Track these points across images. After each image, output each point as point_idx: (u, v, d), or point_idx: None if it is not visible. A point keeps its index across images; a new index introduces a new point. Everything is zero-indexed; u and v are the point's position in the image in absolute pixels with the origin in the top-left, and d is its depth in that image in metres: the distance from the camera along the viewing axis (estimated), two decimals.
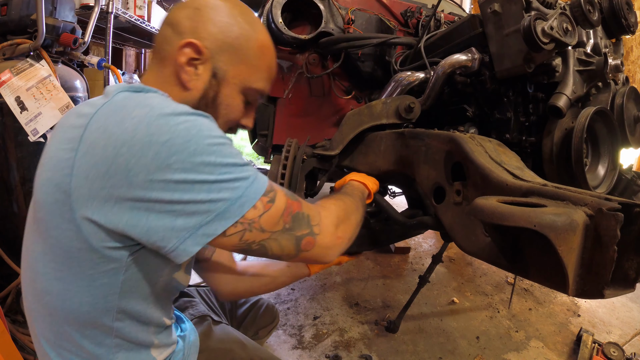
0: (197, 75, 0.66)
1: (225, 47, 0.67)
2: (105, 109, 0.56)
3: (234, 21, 0.68)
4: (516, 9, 0.99)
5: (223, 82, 0.68)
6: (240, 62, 0.68)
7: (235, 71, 0.68)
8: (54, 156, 0.58)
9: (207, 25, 0.66)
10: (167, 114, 0.54)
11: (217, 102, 0.69)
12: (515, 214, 0.56)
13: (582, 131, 0.89)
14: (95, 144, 0.53)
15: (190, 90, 0.67)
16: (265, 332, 1.14)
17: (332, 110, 1.81)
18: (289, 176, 1.18)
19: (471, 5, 3.84)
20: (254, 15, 0.72)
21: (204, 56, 0.65)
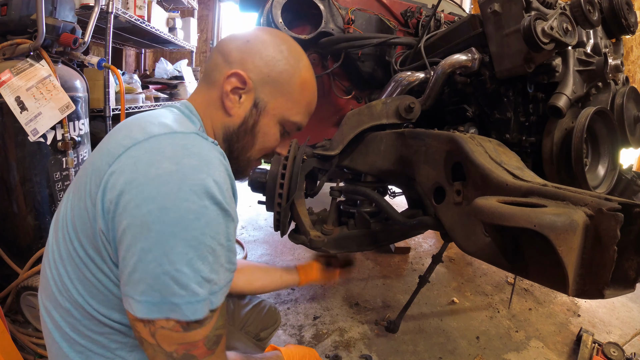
0: (240, 104, 0.71)
1: (268, 80, 0.70)
2: (141, 150, 0.57)
3: (280, 57, 0.71)
4: (516, 9, 0.99)
5: (263, 113, 0.72)
6: (281, 95, 0.72)
7: (276, 103, 0.72)
8: (95, 162, 0.61)
9: (255, 58, 0.70)
10: (194, 191, 0.53)
11: (255, 130, 0.73)
12: (515, 214, 0.56)
13: (582, 131, 0.89)
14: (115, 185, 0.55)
15: (232, 117, 0.72)
16: (267, 334, 1.14)
17: (332, 110, 1.81)
18: (289, 176, 1.19)
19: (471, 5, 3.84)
20: (300, 52, 0.75)
21: (247, 87, 0.69)
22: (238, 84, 0.69)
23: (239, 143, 0.73)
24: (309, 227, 1.28)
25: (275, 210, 1.21)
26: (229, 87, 0.69)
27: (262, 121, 0.73)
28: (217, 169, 0.57)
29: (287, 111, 0.73)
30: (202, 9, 4.42)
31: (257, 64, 0.70)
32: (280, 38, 0.74)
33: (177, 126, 0.61)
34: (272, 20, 1.49)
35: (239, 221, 0.71)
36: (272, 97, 0.71)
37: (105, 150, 0.60)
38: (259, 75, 0.70)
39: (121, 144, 0.58)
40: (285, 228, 1.28)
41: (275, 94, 0.72)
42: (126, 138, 0.59)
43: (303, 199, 1.33)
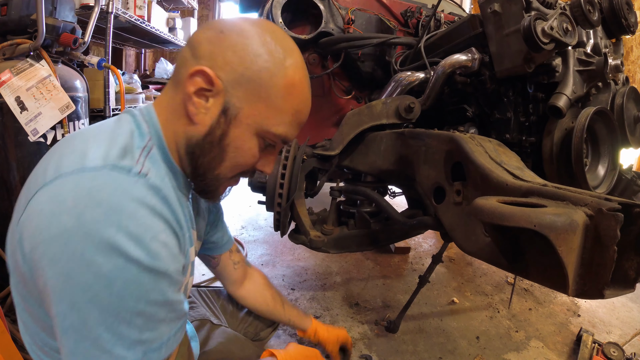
0: (206, 109, 0.57)
1: (242, 80, 0.57)
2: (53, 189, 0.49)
3: (260, 50, 0.57)
4: (516, 9, 0.99)
5: (234, 121, 0.58)
6: (258, 100, 0.58)
7: (251, 110, 0.58)
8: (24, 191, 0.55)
9: (227, 53, 0.56)
10: (101, 251, 0.45)
11: (224, 142, 0.59)
12: (515, 214, 0.56)
13: (582, 131, 0.89)
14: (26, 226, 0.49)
15: (195, 125, 0.58)
16: (266, 334, 1.14)
17: (332, 110, 1.81)
18: (289, 176, 1.19)
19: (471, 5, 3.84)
20: (290, 47, 0.61)
21: (215, 88, 0.56)
22: (203, 84, 0.56)
23: (204, 158, 0.60)
24: (309, 227, 1.29)
25: (275, 210, 1.22)
26: (193, 88, 0.56)
27: (233, 132, 0.58)
28: (133, 217, 0.47)
29: (266, 120, 0.59)
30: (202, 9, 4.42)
31: (230, 59, 0.56)
32: (265, 28, 0.60)
33: (99, 154, 0.51)
34: (272, 20, 1.49)
35: (190, 261, 0.65)
36: (247, 103, 0.58)
37: (32, 180, 0.53)
38: (231, 73, 0.56)
39: (37, 180, 0.51)
40: (285, 228, 1.28)
41: (251, 99, 0.57)
42: (45, 171, 0.51)
43: (303, 199, 1.33)
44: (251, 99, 0.58)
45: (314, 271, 2.25)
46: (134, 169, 0.51)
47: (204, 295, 1.06)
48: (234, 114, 0.58)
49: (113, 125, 0.58)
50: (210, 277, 2.07)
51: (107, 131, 0.56)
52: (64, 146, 0.55)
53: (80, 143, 0.54)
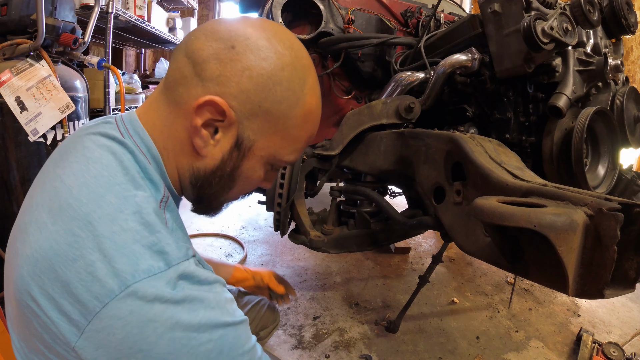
0: (215, 142, 0.52)
1: (259, 112, 0.50)
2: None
3: (280, 76, 0.50)
4: (516, 9, 0.99)
5: (247, 155, 0.53)
6: (274, 132, 0.53)
7: (266, 143, 0.53)
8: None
9: (242, 78, 0.49)
10: (183, 325, 0.44)
11: (235, 174, 0.55)
12: (515, 214, 0.56)
13: (582, 131, 0.89)
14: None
15: (203, 158, 0.53)
16: (266, 333, 1.14)
17: (332, 110, 1.81)
18: (289, 176, 1.19)
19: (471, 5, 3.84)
20: (308, 65, 0.55)
21: (228, 119, 0.50)
22: (213, 115, 0.50)
23: (211, 190, 0.56)
24: (309, 227, 1.29)
25: (275, 210, 1.22)
26: (201, 121, 0.50)
27: (246, 165, 0.54)
28: (209, 297, 0.47)
29: (280, 150, 0.55)
30: (202, 9, 4.43)
31: (245, 86, 0.49)
32: (283, 42, 0.52)
33: (147, 257, 0.44)
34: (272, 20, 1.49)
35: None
36: (262, 135, 0.52)
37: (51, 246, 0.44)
38: (247, 104, 0.50)
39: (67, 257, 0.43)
40: (285, 228, 1.28)
41: (267, 131, 0.52)
42: (83, 258, 0.43)
43: (303, 199, 1.33)
44: (267, 131, 0.52)
45: (314, 271, 2.25)
46: (180, 255, 0.46)
47: None
48: (248, 147, 0.53)
49: (121, 178, 0.48)
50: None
51: (121, 197, 0.47)
52: (80, 222, 0.44)
53: (106, 228, 0.44)
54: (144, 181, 0.49)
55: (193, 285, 0.46)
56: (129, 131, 0.52)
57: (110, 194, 0.46)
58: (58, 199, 0.46)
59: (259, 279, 1.14)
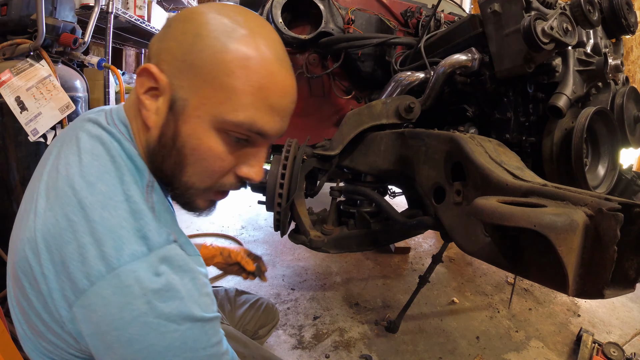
0: (157, 109, 0.51)
1: (184, 67, 0.49)
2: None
3: (204, 29, 0.49)
4: (516, 9, 0.99)
5: (182, 116, 0.50)
6: (203, 84, 0.49)
7: (199, 100, 0.49)
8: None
9: (169, 43, 0.51)
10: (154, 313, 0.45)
11: (177, 144, 0.51)
12: (515, 214, 0.56)
13: (582, 131, 0.89)
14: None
15: (150, 130, 0.52)
16: (265, 332, 1.14)
17: (332, 110, 1.81)
18: (289, 176, 1.19)
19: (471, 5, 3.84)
20: (245, 18, 0.51)
21: (161, 83, 0.50)
22: (149, 82, 0.51)
23: (164, 164, 0.52)
24: (309, 227, 1.28)
25: (275, 210, 1.21)
26: (141, 90, 0.51)
27: (184, 129, 0.50)
28: (187, 285, 0.48)
29: (219, 107, 0.49)
30: None
31: (171, 48, 0.50)
32: (216, 7, 0.52)
33: (129, 239, 0.46)
34: (272, 21, 1.49)
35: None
36: (193, 92, 0.50)
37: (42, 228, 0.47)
38: (172, 63, 0.50)
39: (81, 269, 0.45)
40: (285, 228, 1.28)
41: (197, 85, 0.49)
42: (80, 250, 0.45)
43: (303, 199, 1.33)
44: (197, 85, 0.49)
45: (314, 271, 2.25)
46: (161, 240, 0.48)
47: None
48: (182, 107, 0.50)
49: (110, 167, 0.50)
50: (210, 277, 2.07)
51: (110, 185, 0.49)
52: (73, 210, 0.47)
53: (97, 213, 0.47)
54: (130, 169, 0.51)
55: (173, 271, 0.47)
56: (114, 120, 0.55)
57: (101, 182, 0.48)
58: (55, 187, 0.49)
59: (227, 255, 1.10)
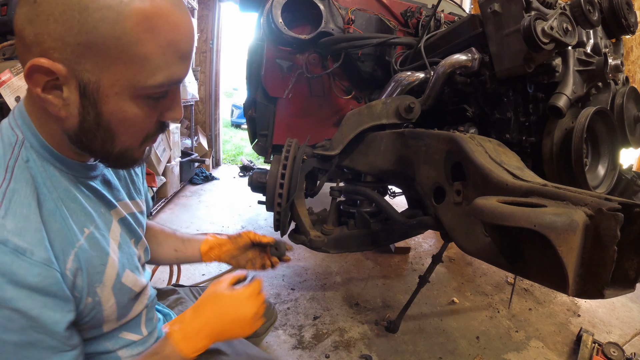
0: (65, 100, 0.49)
1: (81, 50, 0.45)
2: None
3: (84, 2, 0.44)
4: (516, 9, 0.99)
5: (99, 98, 0.49)
6: (112, 61, 0.47)
7: (111, 77, 0.48)
8: None
9: (49, 27, 0.44)
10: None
11: (103, 123, 0.50)
12: (515, 214, 0.56)
13: (582, 131, 0.89)
14: None
15: (66, 118, 0.50)
16: (263, 330, 1.13)
17: (332, 110, 1.81)
18: (289, 176, 1.19)
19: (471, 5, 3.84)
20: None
21: (60, 74, 0.46)
22: (45, 77, 0.47)
23: (93, 143, 0.53)
24: (309, 227, 1.28)
25: (275, 210, 1.21)
26: (39, 89, 0.47)
27: (106, 109, 0.49)
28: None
29: (136, 77, 0.48)
30: (202, 9, 4.42)
31: (56, 33, 0.45)
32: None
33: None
34: (272, 20, 1.49)
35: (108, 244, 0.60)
36: (102, 71, 0.47)
37: None
38: (66, 49, 0.45)
39: None
40: (285, 228, 1.28)
41: (104, 64, 0.47)
42: None
43: (303, 199, 1.33)
44: (104, 64, 0.47)
45: (314, 271, 2.25)
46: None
47: (196, 294, 1.06)
48: (96, 90, 0.48)
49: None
50: (210, 277, 2.07)
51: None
52: None
53: None
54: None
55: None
56: (14, 115, 0.54)
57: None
58: None
59: (236, 238, 0.97)
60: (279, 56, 1.68)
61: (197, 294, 1.07)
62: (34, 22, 0.45)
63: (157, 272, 1.87)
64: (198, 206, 3.27)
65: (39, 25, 0.45)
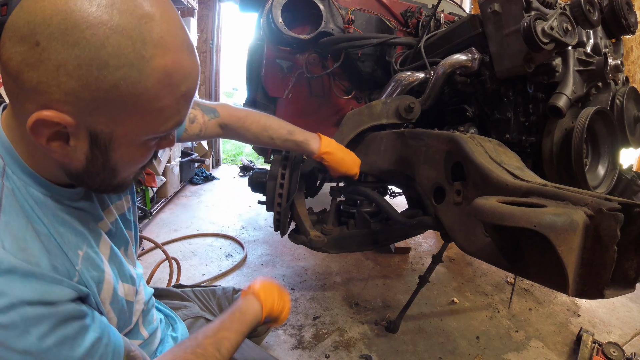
0: (72, 147, 0.47)
1: (96, 105, 0.43)
2: None
3: (102, 56, 0.41)
4: (516, 9, 0.99)
5: (111, 146, 0.48)
6: (128, 115, 0.46)
7: (126, 128, 0.47)
8: None
9: (60, 79, 0.41)
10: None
11: (109, 166, 0.51)
12: (515, 214, 0.56)
13: (582, 131, 0.89)
14: None
15: (70, 161, 0.49)
16: (264, 329, 1.13)
17: (332, 110, 1.81)
18: (289, 176, 1.19)
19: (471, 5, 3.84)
20: (143, 8, 0.43)
21: (69, 127, 0.45)
22: (52, 127, 0.44)
23: (95, 180, 0.52)
24: (309, 227, 1.29)
25: (275, 210, 1.22)
26: (44, 139, 0.45)
27: (115, 154, 0.50)
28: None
29: (149, 126, 0.49)
30: (202, 9, 4.42)
31: (68, 87, 0.42)
32: (96, 10, 0.41)
33: None
34: (272, 20, 1.49)
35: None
36: (116, 124, 0.46)
37: None
38: (79, 103, 0.43)
39: None
40: (285, 228, 1.28)
41: (119, 118, 0.46)
42: None
43: (303, 199, 1.33)
44: (120, 118, 0.46)
45: (314, 271, 2.25)
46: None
47: (198, 294, 1.06)
48: (108, 140, 0.47)
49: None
50: (210, 277, 2.07)
51: None
52: None
53: None
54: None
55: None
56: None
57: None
58: None
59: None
60: (279, 56, 1.68)
61: (199, 294, 1.07)
62: (36, 68, 0.41)
63: (157, 272, 1.87)
64: (198, 206, 3.27)
65: (44, 73, 0.41)
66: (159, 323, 0.82)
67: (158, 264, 1.88)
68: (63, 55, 0.40)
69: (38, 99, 0.43)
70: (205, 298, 1.06)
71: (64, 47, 0.40)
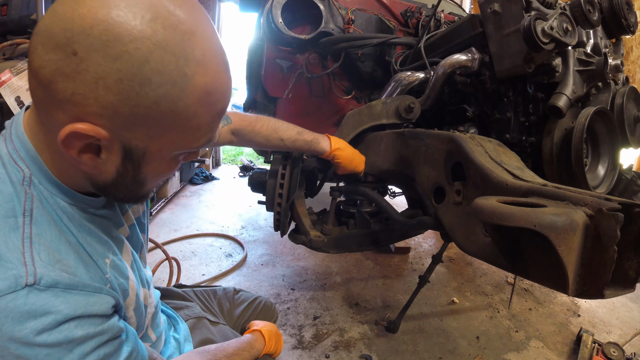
0: (103, 159, 0.47)
1: (136, 121, 0.43)
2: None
3: (145, 72, 0.40)
4: (516, 9, 0.99)
5: (144, 161, 0.48)
6: (165, 132, 0.46)
7: (160, 144, 0.47)
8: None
9: (98, 92, 0.40)
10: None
11: (139, 179, 0.51)
12: (515, 214, 0.56)
13: (582, 131, 0.89)
14: None
15: (99, 173, 0.49)
16: None
17: (332, 110, 1.81)
18: (289, 176, 1.19)
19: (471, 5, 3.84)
20: (188, 23, 0.42)
21: (102, 140, 0.44)
22: (85, 140, 0.43)
23: (123, 191, 0.52)
24: (309, 227, 1.29)
25: (275, 210, 1.22)
26: (75, 152, 0.44)
27: (146, 168, 0.50)
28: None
29: (183, 142, 0.49)
30: None
31: (106, 101, 0.40)
32: (137, 12, 0.40)
33: None
34: (272, 20, 1.49)
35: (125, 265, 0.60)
36: (152, 139, 0.46)
37: None
38: (117, 118, 0.42)
39: None
40: (285, 228, 1.28)
41: (156, 134, 0.46)
42: None
43: (303, 199, 1.33)
44: (156, 134, 0.45)
45: (314, 271, 2.25)
46: (20, 280, 0.42)
47: (199, 294, 1.06)
48: (142, 155, 0.47)
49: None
50: (210, 277, 2.07)
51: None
52: None
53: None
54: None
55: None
56: (18, 153, 0.49)
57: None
58: None
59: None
60: (279, 56, 1.68)
61: (200, 294, 1.07)
62: (72, 79, 0.39)
63: (157, 272, 1.87)
64: (198, 206, 3.27)
65: (82, 85, 0.39)
66: (163, 325, 0.82)
67: (158, 264, 1.88)
68: (103, 68, 0.39)
69: (71, 110, 0.41)
70: (206, 298, 1.06)
71: (104, 60, 0.39)
